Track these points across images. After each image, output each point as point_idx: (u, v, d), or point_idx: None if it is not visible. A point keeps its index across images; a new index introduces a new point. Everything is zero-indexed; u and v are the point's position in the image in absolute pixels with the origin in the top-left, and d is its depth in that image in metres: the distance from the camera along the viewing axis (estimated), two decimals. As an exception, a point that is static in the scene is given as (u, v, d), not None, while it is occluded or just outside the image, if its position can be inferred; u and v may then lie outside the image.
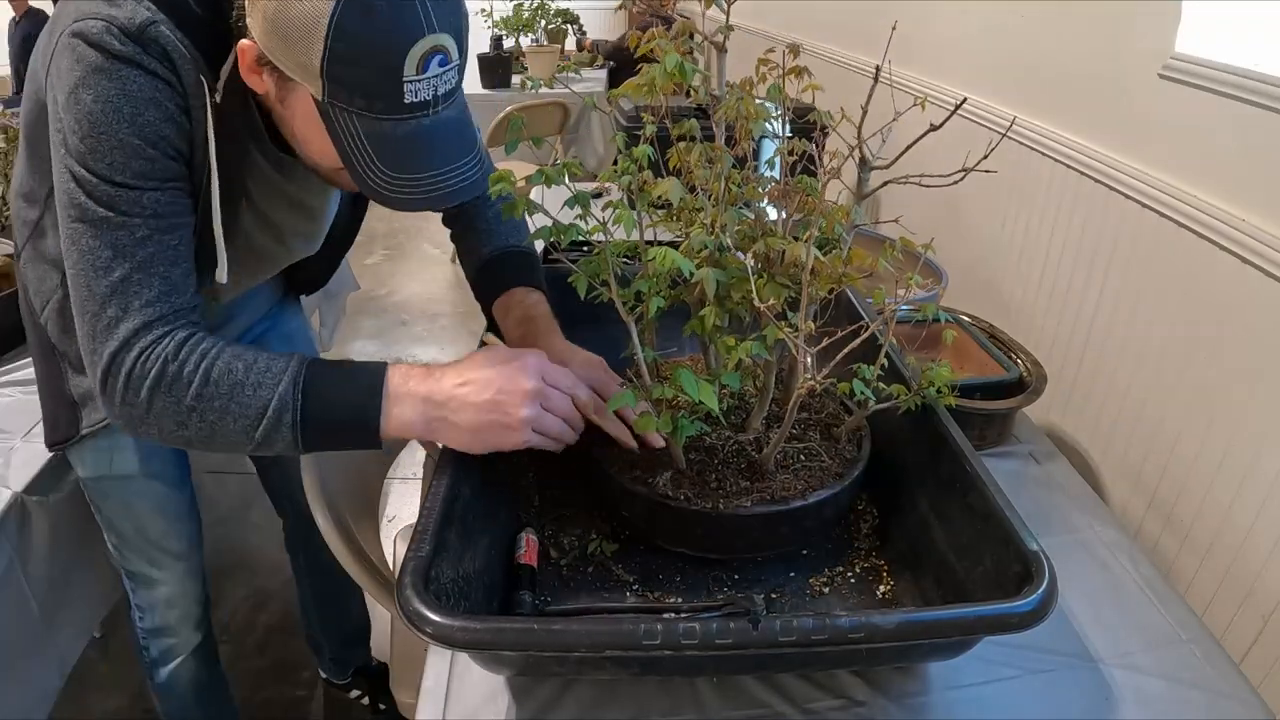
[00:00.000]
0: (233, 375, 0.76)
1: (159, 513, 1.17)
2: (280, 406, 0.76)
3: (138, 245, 0.75)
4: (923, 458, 0.91)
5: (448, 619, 0.65)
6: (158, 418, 0.76)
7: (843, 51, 2.69)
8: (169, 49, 0.73)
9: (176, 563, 1.22)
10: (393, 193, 0.74)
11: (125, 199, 0.74)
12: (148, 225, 0.76)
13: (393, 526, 1.49)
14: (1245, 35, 1.21)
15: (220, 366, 0.76)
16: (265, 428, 0.76)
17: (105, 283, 0.75)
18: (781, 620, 0.66)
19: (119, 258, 0.75)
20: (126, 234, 0.75)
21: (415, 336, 3.31)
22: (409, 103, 0.71)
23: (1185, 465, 1.31)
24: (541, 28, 4.30)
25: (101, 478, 1.12)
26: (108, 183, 0.73)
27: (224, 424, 0.76)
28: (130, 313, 0.75)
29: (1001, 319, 1.39)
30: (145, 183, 0.75)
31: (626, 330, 0.85)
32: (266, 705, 1.68)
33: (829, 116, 0.86)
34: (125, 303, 0.75)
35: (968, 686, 0.81)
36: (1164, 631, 0.89)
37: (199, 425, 0.76)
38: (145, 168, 0.74)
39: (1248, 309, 1.18)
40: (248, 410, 0.76)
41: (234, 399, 0.76)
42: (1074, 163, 1.55)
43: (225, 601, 1.91)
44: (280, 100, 0.76)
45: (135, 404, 0.76)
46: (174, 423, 0.76)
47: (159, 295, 0.76)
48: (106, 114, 0.72)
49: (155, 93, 0.73)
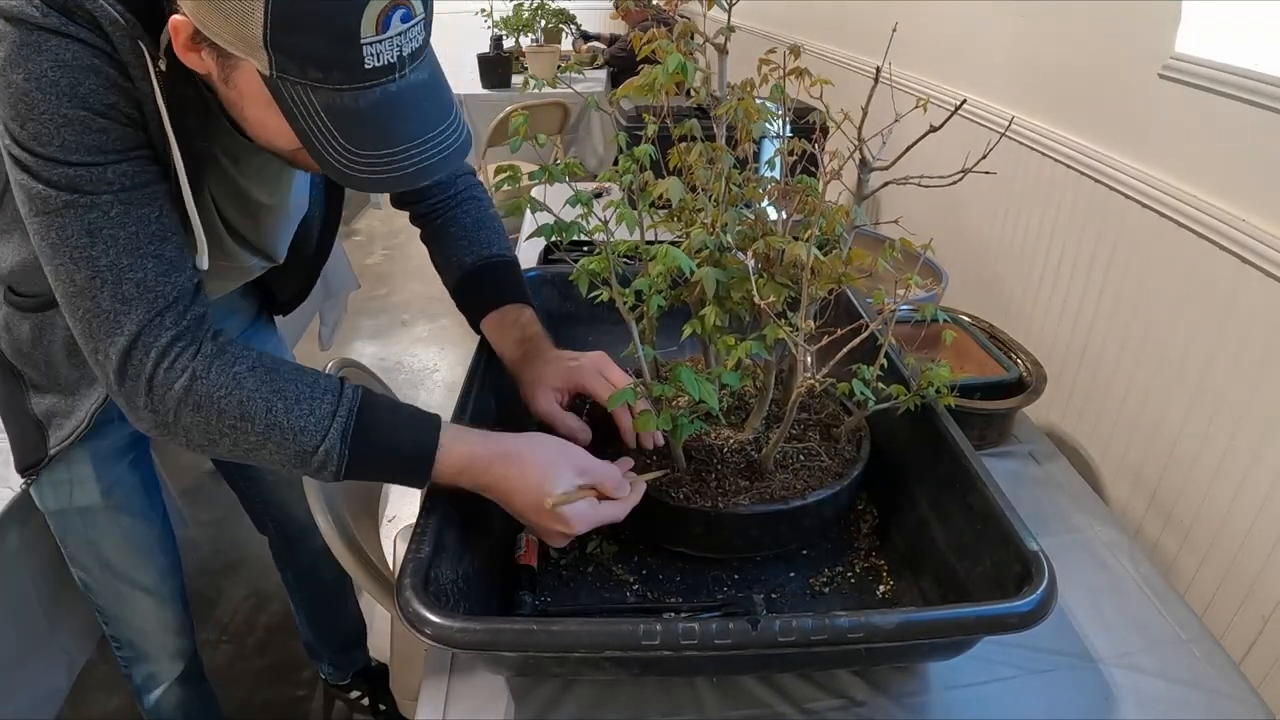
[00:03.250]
0: (272, 414, 0.70)
1: (126, 546, 1.11)
2: (324, 459, 0.72)
3: (115, 225, 0.67)
4: (923, 458, 0.91)
5: (447, 620, 0.65)
6: (186, 431, 0.70)
7: (843, 51, 2.69)
8: (98, 15, 0.64)
9: (147, 596, 1.15)
10: (361, 173, 0.65)
11: (87, 177, 0.66)
12: (120, 201, 0.67)
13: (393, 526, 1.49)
14: (1245, 35, 1.21)
15: (258, 402, 0.70)
16: (304, 470, 0.73)
17: (90, 273, 0.67)
18: (781, 620, 0.66)
19: (98, 243, 0.67)
20: (99, 214, 0.66)
21: (415, 336, 3.30)
22: (370, 68, 0.62)
23: (1185, 465, 1.31)
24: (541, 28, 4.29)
25: (62, 511, 1.06)
26: (63, 164, 0.65)
27: (258, 455, 0.71)
28: (129, 303, 0.68)
29: (1001, 319, 1.39)
30: (105, 156, 0.66)
31: (627, 329, 0.85)
32: (266, 705, 1.68)
33: (829, 116, 0.86)
34: (119, 291, 0.68)
35: (968, 686, 0.81)
36: (1164, 631, 0.89)
37: (231, 449, 0.71)
38: (100, 140, 0.66)
39: (1248, 309, 1.18)
40: (285, 450, 0.71)
41: (270, 438, 0.70)
42: (1074, 163, 1.55)
43: (225, 601, 1.91)
44: (224, 80, 0.66)
45: (161, 411, 0.70)
46: (204, 439, 0.71)
47: (156, 277, 0.69)
48: (43, 90, 0.63)
49: (91, 59, 0.64)
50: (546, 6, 4.27)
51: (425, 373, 3.03)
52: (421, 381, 2.96)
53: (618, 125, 2.01)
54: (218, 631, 1.85)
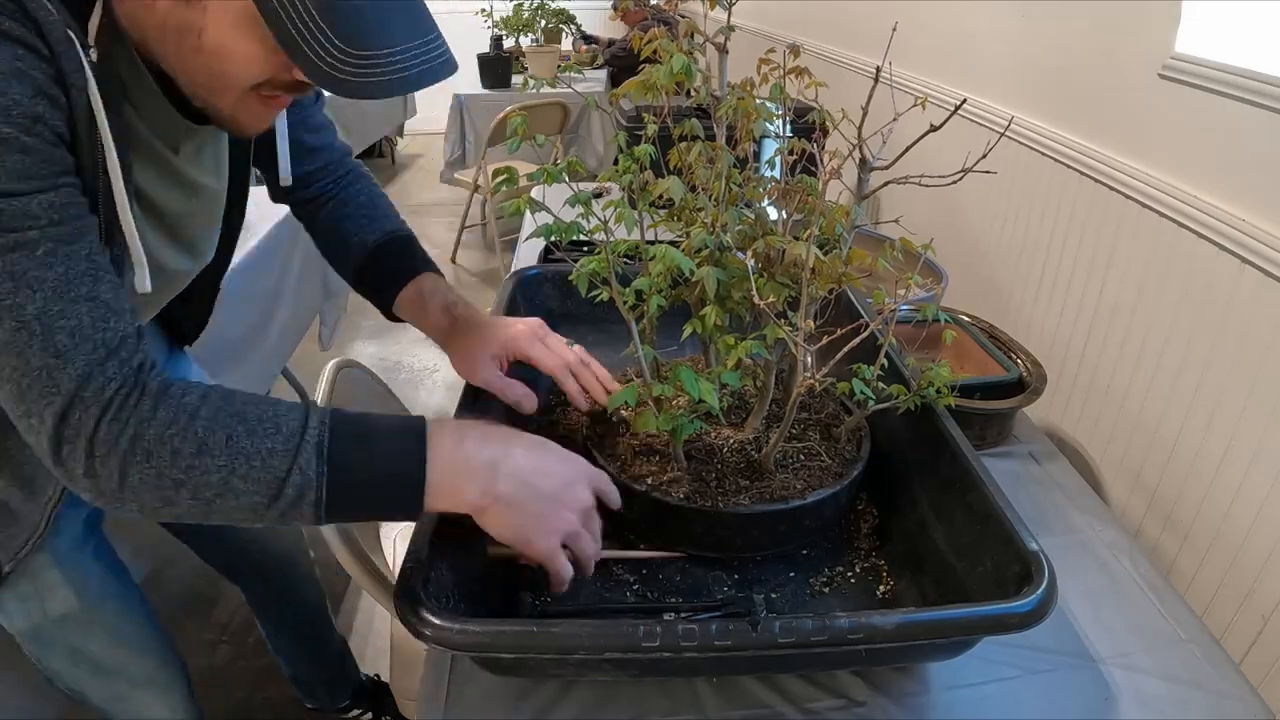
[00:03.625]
0: (233, 441, 0.60)
1: (114, 643, 1.01)
2: (302, 483, 0.60)
3: (43, 267, 0.56)
4: (923, 458, 0.91)
5: (447, 621, 0.65)
6: (136, 493, 0.59)
7: (843, 51, 2.69)
8: (26, 4, 0.54)
9: (149, 689, 1.06)
10: (355, 76, 0.58)
11: (10, 212, 0.55)
12: (48, 238, 0.57)
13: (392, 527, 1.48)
14: (1245, 35, 1.21)
15: (216, 432, 0.60)
16: (280, 507, 0.61)
17: (14, 324, 0.56)
18: (781, 621, 0.66)
19: (22, 288, 0.56)
20: (23, 255, 0.56)
21: (416, 337, 3.29)
22: None
23: (1185, 465, 1.31)
24: (541, 28, 4.30)
25: (36, 629, 0.94)
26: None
27: (224, 501, 0.60)
28: (63, 356, 0.57)
29: (1001, 319, 1.39)
30: (29, 184, 0.56)
31: (627, 329, 0.85)
32: (266, 705, 1.68)
33: (829, 116, 0.86)
34: (50, 343, 0.57)
35: (968, 686, 0.81)
36: (1164, 631, 0.89)
37: (191, 502, 0.60)
38: (24, 165, 0.55)
39: (1248, 309, 1.18)
40: (256, 486, 0.60)
41: (235, 471, 0.59)
42: (1074, 163, 1.55)
43: (225, 601, 1.91)
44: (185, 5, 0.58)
45: (102, 477, 0.58)
46: (157, 498, 0.60)
47: (92, 323, 0.58)
48: None
49: (16, 62, 0.54)
50: (546, 6, 4.27)
51: (425, 373, 3.03)
52: (421, 381, 2.96)
53: (618, 125, 2.01)
54: (218, 631, 1.85)
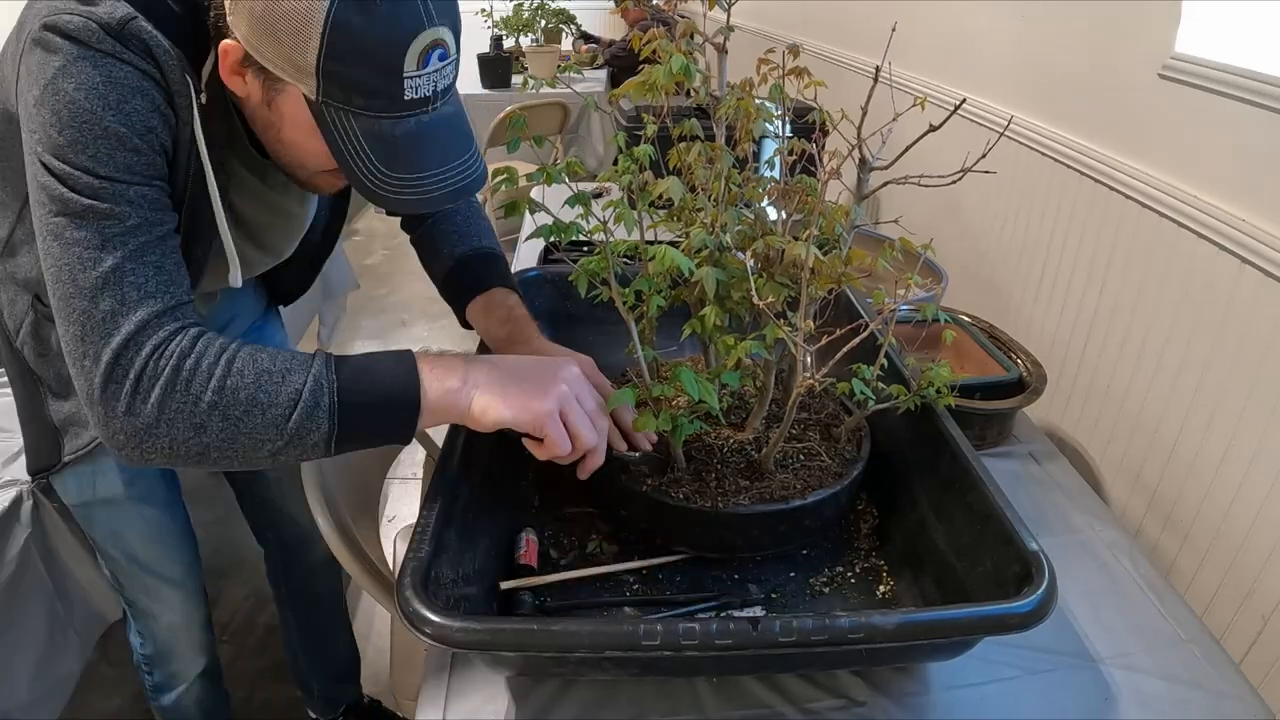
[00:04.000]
0: (258, 364, 0.69)
1: (151, 538, 1.12)
2: (315, 388, 0.69)
3: (128, 234, 0.69)
4: (923, 458, 0.91)
5: (447, 620, 0.65)
6: (170, 424, 0.67)
7: (843, 51, 2.69)
8: (152, 45, 0.69)
9: (175, 590, 1.16)
10: (393, 194, 0.71)
11: (110, 192, 0.68)
12: (137, 214, 0.69)
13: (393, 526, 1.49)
14: (1245, 35, 1.21)
15: (243, 357, 0.69)
16: (299, 415, 0.69)
17: (95, 274, 0.68)
18: (781, 620, 0.66)
19: (108, 246, 0.68)
20: (115, 223, 0.68)
21: (415, 337, 3.30)
22: (409, 99, 0.69)
23: (1185, 465, 1.31)
24: (541, 28, 4.30)
25: (87, 504, 1.06)
26: (91, 175, 0.67)
27: (250, 419, 0.68)
28: (128, 305, 0.68)
29: (1001, 319, 1.39)
30: (131, 177, 0.69)
31: (627, 329, 0.85)
32: (266, 705, 1.68)
33: (829, 116, 0.86)
34: (120, 294, 0.68)
35: (968, 686, 0.81)
36: (1164, 631, 0.89)
37: (220, 426, 0.68)
38: (131, 160, 0.69)
39: (1248, 309, 1.18)
40: (277, 398, 0.68)
41: (261, 387, 0.68)
42: (1074, 163, 1.55)
43: (225, 601, 1.91)
44: (267, 103, 0.73)
45: (142, 412, 0.67)
46: (190, 427, 0.67)
47: (157, 286, 0.69)
48: (90, 100, 0.66)
49: (141, 82, 0.68)
50: (546, 6, 4.27)
51: (425, 373, 3.03)
52: (421, 381, 2.96)
53: (617, 125, 2.01)
54: (218, 631, 1.84)
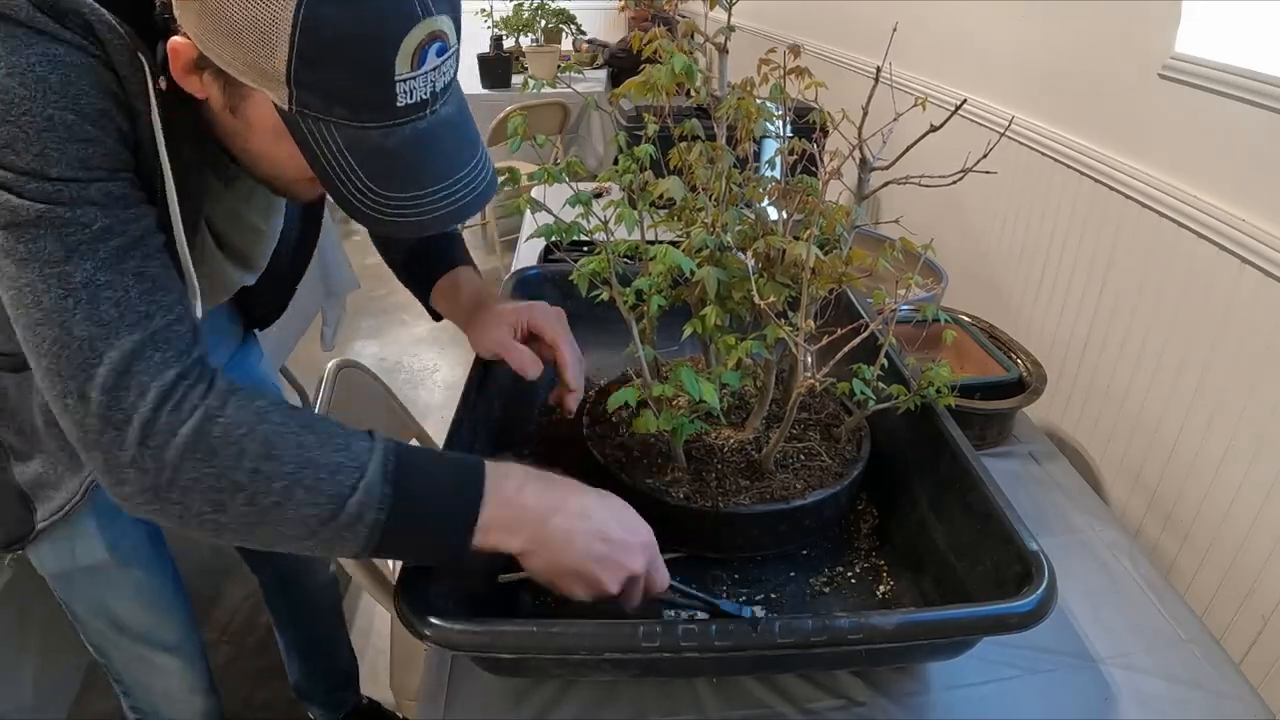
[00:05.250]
0: (303, 447, 0.58)
1: (141, 604, 1.00)
2: (364, 501, 0.59)
3: (96, 240, 0.56)
4: (923, 458, 0.91)
5: (447, 622, 0.65)
6: (185, 492, 0.56)
7: (843, 51, 2.69)
8: (93, 22, 0.55)
9: (171, 657, 1.04)
10: (387, 215, 0.59)
11: (67, 194, 0.55)
12: (104, 215, 0.57)
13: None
14: (1245, 35, 1.21)
15: (286, 435, 0.58)
16: (338, 525, 0.59)
17: (61, 292, 0.55)
18: (781, 621, 0.66)
19: (74, 258, 0.55)
20: (78, 229, 0.56)
21: (416, 337, 3.30)
22: (402, 105, 0.56)
23: (1185, 465, 1.31)
24: (541, 28, 4.29)
25: (65, 574, 0.94)
26: (39, 178, 0.55)
27: (280, 512, 0.58)
28: (107, 327, 0.56)
29: (1001, 319, 1.39)
30: (89, 173, 0.56)
31: (627, 329, 0.85)
32: (267, 705, 1.68)
33: (829, 116, 0.86)
34: (96, 314, 0.56)
35: (968, 686, 0.81)
36: (1164, 631, 0.89)
37: (244, 511, 0.57)
38: (86, 153, 0.56)
39: (1248, 309, 1.18)
40: (317, 497, 0.58)
41: (300, 480, 0.57)
42: (1074, 163, 1.55)
43: (225, 601, 1.91)
44: (229, 108, 0.60)
45: (151, 470, 0.56)
46: (208, 502, 0.57)
47: (141, 299, 0.57)
48: (26, 87, 0.53)
49: (85, 60, 0.56)
50: (546, 6, 4.27)
51: (425, 373, 3.03)
52: (421, 381, 2.96)
53: (617, 125, 2.01)
54: (218, 631, 1.85)
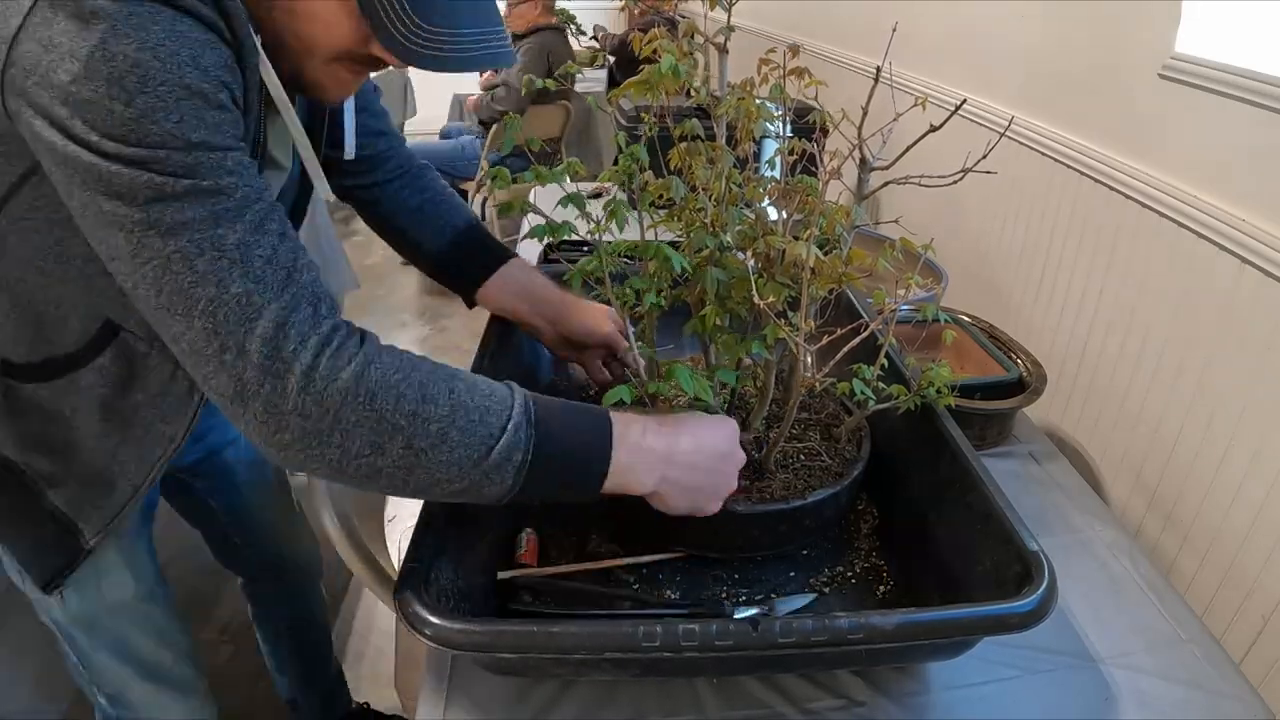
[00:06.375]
0: (454, 394, 0.62)
1: (160, 641, 0.98)
2: (513, 441, 0.63)
3: (241, 208, 0.58)
4: (923, 458, 0.91)
5: (447, 621, 0.65)
6: (346, 436, 0.59)
7: (842, 51, 2.69)
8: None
9: (186, 695, 1.03)
10: (428, 50, 0.62)
11: (208, 164, 0.57)
12: (243, 184, 0.59)
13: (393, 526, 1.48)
14: (1245, 35, 1.21)
15: (438, 381, 0.62)
16: (489, 465, 0.62)
17: (213, 255, 0.57)
18: (781, 621, 0.66)
19: (223, 223, 0.57)
20: (223, 198, 0.58)
21: (416, 336, 3.31)
22: None
23: (1185, 465, 1.31)
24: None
25: (90, 617, 0.91)
26: (181, 147, 0.56)
27: (436, 454, 0.61)
28: (265, 284, 0.58)
29: (1001, 319, 1.39)
30: (224, 139, 0.58)
31: (623, 330, 0.85)
32: (266, 704, 1.67)
33: (829, 116, 0.86)
34: (252, 272, 0.58)
35: (968, 686, 0.81)
36: (1164, 631, 0.89)
37: (401, 453, 0.60)
38: (220, 120, 0.58)
39: (1248, 309, 1.18)
40: (470, 438, 0.61)
41: (455, 423, 0.61)
42: (1074, 163, 1.55)
43: (225, 601, 1.91)
44: None
45: (314, 414, 0.58)
46: (368, 444, 0.59)
47: (289, 256, 0.60)
48: (160, 59, 0.54)
49: (207, 34, 0.57)
50: (546, 6, 4.26)
51: (425, 372, 3.03)
52: (421, 381, 2.96)
53: (617, 125, 2.01)
54: (218, 632, 1.85)
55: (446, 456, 0.61)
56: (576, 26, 4.59)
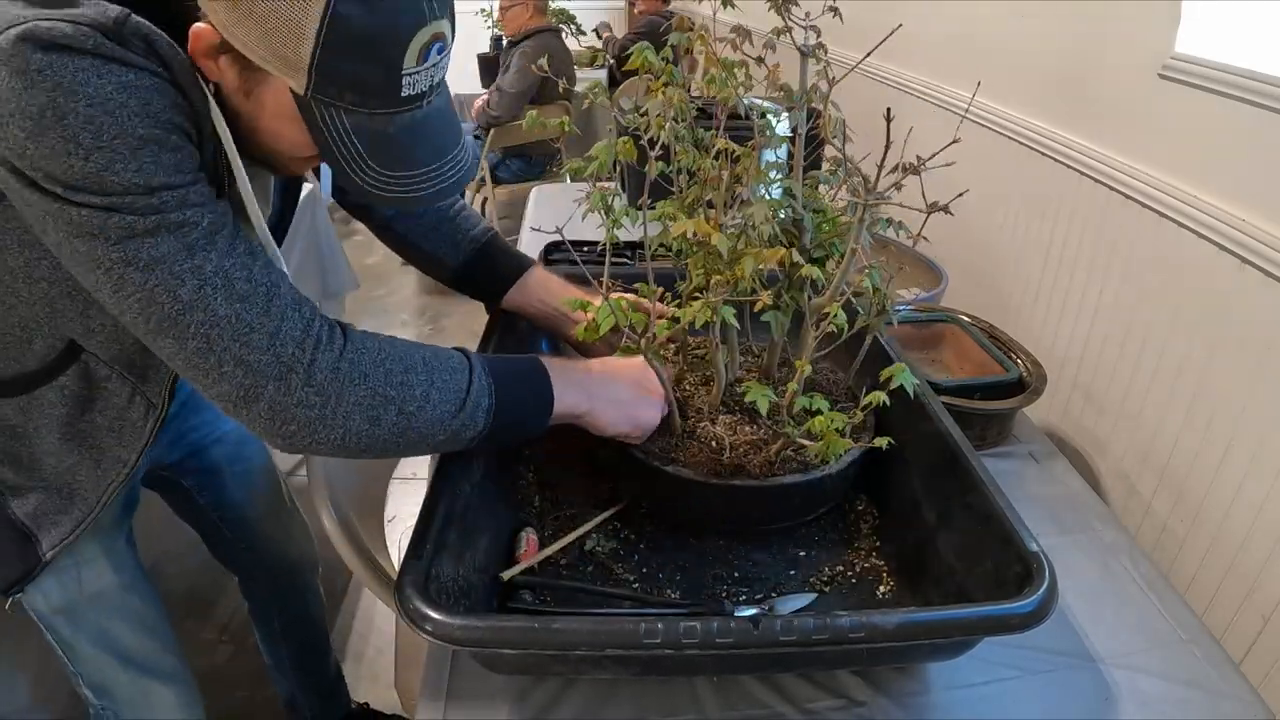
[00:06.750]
0: (426, 361, 0.72)
1: (144, 629, 0.99)
2: (479, 389, 0.73)
3: (210, 234, 0.63)
4: (923, 458, 0.91)
5: (448, 618, 0.65)
6: (347, 415, 0.67)
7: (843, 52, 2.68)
8: (154, 42, 0.60)
9: (170, 686, 1.04)
10: (386, 191, 0.67)
11: (172, 201, 0.61)
12: (208, 214, 0.63)
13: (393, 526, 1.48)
14: (1245, 35, 1.21)
15: (413, 353, 0.72)
16: (465, 413, 0.72)
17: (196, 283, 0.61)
18: (782, 620, 0.66)
19: (198, 252, 0.62)
20: (192, 228, 0.62)
21: (416, 336, 3.30)
22: (405, 96, 0.64)
23: (1185, 465, 1.31)
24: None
25: (71, 607, 0.93)
26: (143, 192, 0.59)
27: (423, 414, 0.70)
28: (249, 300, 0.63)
29: (1001, 319, 1.39)
30: (183, 177, 0.62)
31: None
32: (267, 705, 1.68)
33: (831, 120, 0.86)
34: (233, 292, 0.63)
35: (968, 686, 0.81)
36: (1164, 631, 0.89)
37: (395, 419, 0.69)
38: (177, 159, 0.61)
39: (1248, 309, 1.18)
40: (449, 394, 0.71)
41: (434, 384, 0.71)
42: (1074, 163, 1.55)
43: (225, 601, 1.91)
44: (244, 92, 0.65)
45: (318, 401, 0.65)
46: (366, 419, 0.68)
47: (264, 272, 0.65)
48: (111, 113, 0.57)
49: (153, 81, 0.60)
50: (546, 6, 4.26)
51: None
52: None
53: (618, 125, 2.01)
54: (218, 632, 1.85)
55: (431, 414, 0.70)
56: (576, 27, 4.59)
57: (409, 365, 0.70)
